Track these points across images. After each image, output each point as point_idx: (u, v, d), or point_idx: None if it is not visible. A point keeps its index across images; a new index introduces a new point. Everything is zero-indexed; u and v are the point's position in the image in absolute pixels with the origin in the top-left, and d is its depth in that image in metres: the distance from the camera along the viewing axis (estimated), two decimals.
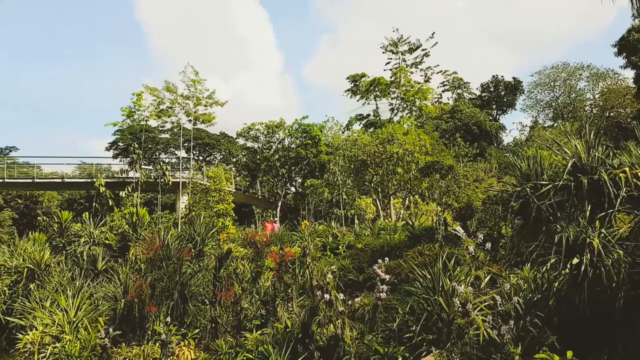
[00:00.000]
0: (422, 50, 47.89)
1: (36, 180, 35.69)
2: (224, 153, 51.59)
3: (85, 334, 12.28)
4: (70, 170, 43.16)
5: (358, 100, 48.38)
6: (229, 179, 31.03)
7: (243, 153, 49.48)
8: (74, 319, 12.84)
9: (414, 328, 8.42)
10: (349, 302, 9.94)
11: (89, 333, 12.26)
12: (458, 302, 7.84)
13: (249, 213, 46.76)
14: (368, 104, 48.47)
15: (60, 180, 36.35)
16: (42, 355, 12.12)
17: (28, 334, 12.90)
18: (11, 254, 19.44)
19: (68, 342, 12.08)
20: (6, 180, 34.33)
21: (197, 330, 12.37)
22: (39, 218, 61.90)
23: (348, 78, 48.14)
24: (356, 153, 30.20)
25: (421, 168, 24.15)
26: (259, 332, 11.43)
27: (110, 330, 11.90)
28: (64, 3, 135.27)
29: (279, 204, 43.15)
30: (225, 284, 13.23)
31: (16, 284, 18.02)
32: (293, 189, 48.70)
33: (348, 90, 48.60)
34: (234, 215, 25.96)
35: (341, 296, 9.47)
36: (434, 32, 47.71)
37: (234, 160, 52.04)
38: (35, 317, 13.47)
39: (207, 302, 13.30)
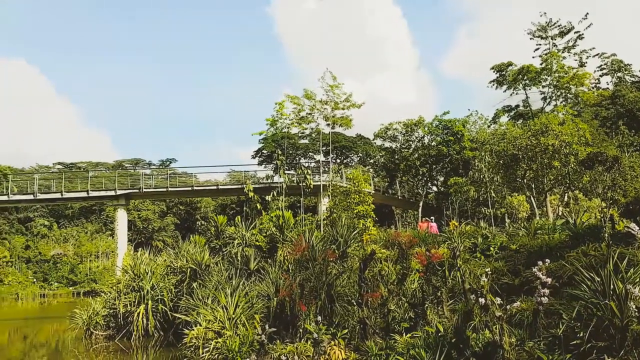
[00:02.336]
0: (575, 32, 44.04)
1: (194, 188, 39.06)
2: (361, 155, 52.05)
3: (244, 330, 12.98)
4: (222, 178, 46.78)
5: (505, 91, 45.98)
6: (367, 180, 31.11)
7: (381, 154, 49.38)
8: (233, 316, 13.64)
9: (581, 334, 7.90)
10: (506, 306, 9.32)
11: (246, 329, 12.95)
12: (634, 307, 7.33)
13: (389, 214, 46.52)
14: (516, 94, 45.68)
15: (215, 187, 39.41)
16: (206, 349, 13.06)
17: (193, 330, 14.02)
18: (176, 256, 21.47)
19: (229, 338, 12.87)
20: (169, 189, 38.01)
21: (345, 331, 12.47)
22: (197, 222, 68.48)
23: (492, 68, 45.88)
24: (505, 147, 28.41)
25: (581, 160, 21.97)
26: (408, 335, 11.18)
27: (267, 327, 12.45)
28: (211, 24, 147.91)
29: (420, 204, 42.23)
30: (371, 285, 13.23)
31: (181, 283, 19.82)
32: (435, 188, 47.43)
33: (493, 81, 46.33)
34: (374, 216, 25.90)
35: (498, 300, 8.99)
36: (587, 13, 43.43)
37: (372, 161, 52.21)
38: (198, 314, 14.59)
39: (354, 303, 13.38)
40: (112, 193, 35.87)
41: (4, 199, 35.47)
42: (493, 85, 46.53)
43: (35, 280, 57.17)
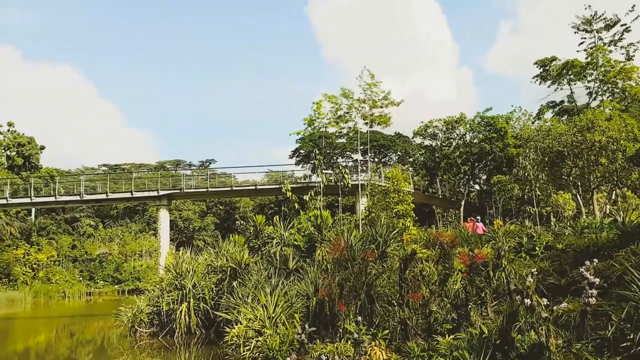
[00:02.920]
0: (622, 25, 42.39)
1: (233, 188, 39.58)
2: (399, 153, 51.53)
3: (284, 329, 13.02)
4: (260, 178, 47.19)
5: (549, 87, 44.77)
6: (407, 179, 30.74)
7: (420, 152, 48.71)
8: (273, 315, 13.71)
9: (631, 336, 7.81)
10: (553, 307, 9.11)
11: (286, 328, 12.98)
12: None
13: (430, 213, 45.87)
14: (561, 89, 44.40)
15: (253, 187, 39.84)
16: (247, 347, 13.16)
17: (234, 328, 14.16)
18: (216, 255, 21.78)
19: (269, 337, 12.93)
20: (209, 189, 38.63)
21: (386, 331, 12.38)
22: (237, 222, 69.41)
23: (536, 63, 44.70)
24: (550, 144, 27.63)
25: (629, 157, 21.11)
26: (451, 336, 11.05)
27: (306, 326, 12.44)
28: (246, 25, 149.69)
29: (462, 203, 41.43)
30: (412, 285, 13.05)
31: (221, 282, 20.08)
32: (477, 186, 46.45)
33: (536, 76, 45.18)
34: (414, 215, 25.55)
35: (544, 301, 8.80)
36: (634, 5, 41.71)
37: (411, 159, 51.61)
38: (239, 312, 14.73)
39: (395, 304, 13.26)
40: (155, 194, 36.76)
41: (51, 200, 36.90)
42: (536, 80, 45.39)
43: (81, 278, 59.09)
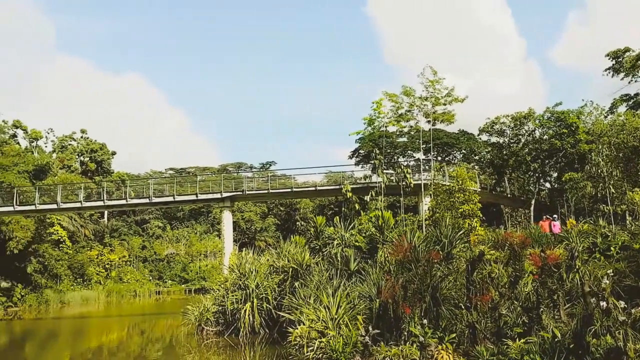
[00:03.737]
0: None
1: (293, 189, 39.86)
2: (464, 151, 50.15)
3: (347, 330, 12.87)
4: (319, 179, 47.11)
5: (622, 79, 42.11)
6: (472, 177, 29.75)
7: (487, 149, 47.16)
8: (336, 316, 13.60)
9: None
10: (630, 310, 8.83)
11: (349, 330, 12.83)
12: None
13: (497, 213, 44.32)
14: (635, 81, 41.65)
15: (313, 188, 39.93)
16: (310, 348, 13.12)
17: (297, 328, 14.16)
18: (278, 256, 21.98)
19: (332, 338, 12.82)
20: (270, 191, 39.13)
21: (453, 335, 12.24)
22: (297, 223, 70.12)
23: (608, 55, 42.22)
24: (625, 139, 26.12)
25: None
26: (522, 340, 10.78)
27: (370, 328, 12.26)
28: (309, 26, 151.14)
29: (532, 202, 39.71)
30: (480, 288, 12.80)
31: (283, 282, 20.23)
32: (547, 184, 44.37)
33: (609, 68, 42.69)
34: (481, 215, 24.68)
35: (621, 304, 8.59)
36: None
37: (476, 157, 50.09)
38: (302, 313, 14.72)
39: (462, 307, 13.05)
40: (218, 195, 37.59)
41: (122, 203, 38.54)
42: (608, 73, 42.86)
43: (151, 278, 61.67)
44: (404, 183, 32.59)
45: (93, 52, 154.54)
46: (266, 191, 39.32)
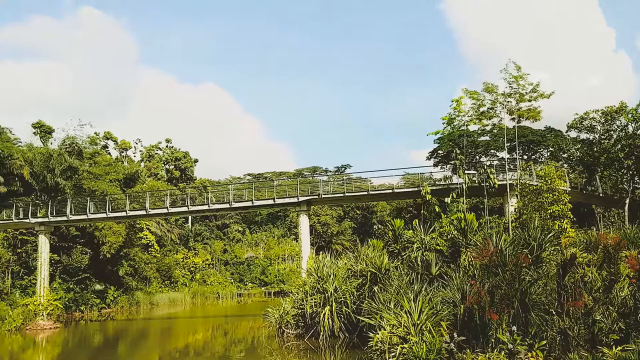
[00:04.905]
0: None
1: (369, 192, 39.48)
2: (551, 149, 47.57)
3: (430, 336, 12.42)
4: (396, 182, 46.36)
5: None
6: (562, 176, 28.01)
7: (576, 147, 44.42)
8: (418, 322, 13.17)
9: None
10: None
11: (433, 336, 12.38)
12: None
13: (588, 214, 41.52)
14: None
15: (390, 191, 39.36)
16: (392, 354, 12.78)
17: (377, 333, 13.88)
18: (355, 259, 21.77)
19: (414, 344, 12.40)
20: (345, 194, 39.01)
21: (544, 342, 11.71)
22: (374, 226, 69.61)
23: None
24: None
25: None
26: (619, 347, 10.22)
27: (455, 335, 11.77)
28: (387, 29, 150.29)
29: (626, 201, 36.86)
30: (572, 293, 12.11)
31: (362, 286, 19.99)
32: None
33: None
34: (571, 216, 23.18)
35: None
36: None
37: (565, 155, 47.34)
38: (382, 318, 14.42)
39: (553, 312, 12.46)
40: (295, 200, 37.97)
41: (205, 208, 39.96)
42: None
43: (232, 280, 63.63)
44: (487, 184, 31.27)
45: (172, 64, 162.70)
46: (342, 194, 39.22)
